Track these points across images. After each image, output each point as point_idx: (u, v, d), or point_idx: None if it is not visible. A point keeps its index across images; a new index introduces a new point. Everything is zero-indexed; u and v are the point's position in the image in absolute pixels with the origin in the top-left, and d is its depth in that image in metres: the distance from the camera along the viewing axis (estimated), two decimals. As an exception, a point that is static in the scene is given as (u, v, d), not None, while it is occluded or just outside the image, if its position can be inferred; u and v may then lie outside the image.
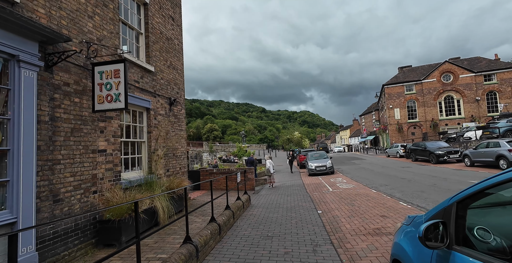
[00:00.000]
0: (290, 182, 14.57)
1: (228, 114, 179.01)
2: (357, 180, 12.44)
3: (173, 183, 6.90)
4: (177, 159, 8.22)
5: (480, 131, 21.92)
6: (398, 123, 35.07)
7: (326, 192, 9.86)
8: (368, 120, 63.20)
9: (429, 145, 20.07)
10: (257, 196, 9.64)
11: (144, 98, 6.64)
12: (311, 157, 17.56)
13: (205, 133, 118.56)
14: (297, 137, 70.78)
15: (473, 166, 14.91)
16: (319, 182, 12.94)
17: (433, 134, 32.84)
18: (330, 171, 16.07)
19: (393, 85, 35.82)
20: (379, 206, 6.73)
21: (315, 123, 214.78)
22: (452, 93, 33.25)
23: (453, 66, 33.21)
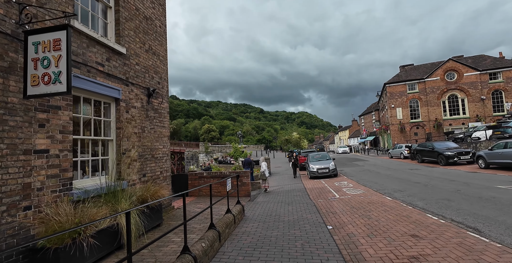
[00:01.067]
0: (290, 186, 13.27)
1: (226, 114, 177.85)
2: (365, 184, 11.16)
3: (148, 191, 5.56)
4: (157, 162, 6.89)
5: (490, 131, 20.78)
6: (401, 123, 33.93)
7: (333, 199, 8.56)
8: (368, 120, 62.15)
9: (437, 145, 18.88)
10: (252, 205, 8.31)
11: (111, 86, 5.32)
12: (312, 159, 16.27)
13: (203, 134, 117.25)
14: (296, 138, 69.60)
15: (488, 168, 13.69)
16: (323, 187, 11.64)
17: (437, 134, 31.72)
18: (333, 174, 14.79)
19: (395, 84, 34.70)
20: (403, 220, 5.44)
21: (313, 124, 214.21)
22: (457, 92, 32.17)
23: (457, 64, 32.15)
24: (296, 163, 17.41)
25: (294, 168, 17.43)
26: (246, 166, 15.11)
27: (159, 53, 7.39)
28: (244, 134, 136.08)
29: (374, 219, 5.69)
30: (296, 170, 17.45)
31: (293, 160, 17.73)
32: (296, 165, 17.44)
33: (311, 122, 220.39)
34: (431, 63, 36.27)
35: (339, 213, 6.55)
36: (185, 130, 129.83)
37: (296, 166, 17.42)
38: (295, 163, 17.42)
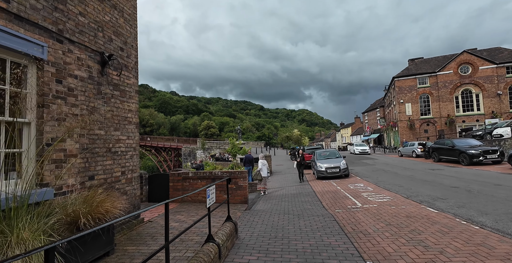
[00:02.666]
0: (295, 188, 11.30)
1: (226, 111, 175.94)
2: (387, 188, 9.18)
3: (88, 203, 3.56)
4: (115, 158, 4.89)
5: None
6: (410, 119, 31.91)
7: (355, 209, 6.58)
8: (372, 117, 60.14)
9: (458, 143, 16.89)
10: (250, 216, 6.33)
11: (25, 37, 3.30)
12: (320, 156, 14.29)
13: (202, 130, 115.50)
14: (297, 135, 67.64)
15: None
16: (335, 190, 9.67)
17: (449, 131, 29.73)
18: (345, 174, 12.82)
19: (404, 78, 32.61)
20: (485, 253, 3.46)
21: (313, 121, 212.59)
22: (471, 86, 30.11)
23: (472, 57, 30.04)
24: (302, 163, 13.21)
25: (300, 169, 13.16)
26: (247, 164, 13.16)
27: (123, 9, 5.35)
28: (244, 131, 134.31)
29: (434, 249, 3.71)
30: (302, 172, 13.26)
31: (299, 160, 13.45)
32: (302, 166, 13.24)
33: (312, 119, 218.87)
34: (443, 56, 34.15)
35: (374, 234, 4.57)
36: (184, 126, 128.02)
37: (302, 166, 13.23)
38: (301, 163, 13.22)
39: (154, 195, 7.64)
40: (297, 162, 13.80)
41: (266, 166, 10.86)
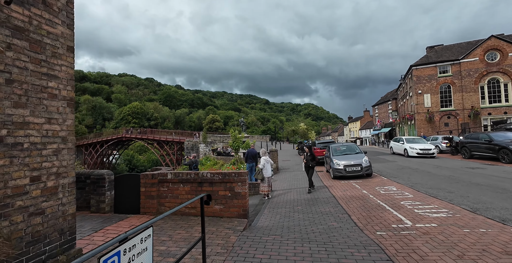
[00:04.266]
0: (306, 190, 9.19)
1: (231, 105, 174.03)
2: (431, 194, 7.01)
3: None
4: (16, 155, 2.82)
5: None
6: (429, 111, 29.28)
7: (405, 230, 4.46)
8: (383, 110, 57.27)
9: (496, 137, 14.50)
10: (250, 242, 4.23)
11: None
12: (336, 152, 12.10)
13: (207, 124, 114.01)
14: (303, 129, 65.35)
15: None
16: (361, 195, 7.53)
17: (473, 125, 27.08)
18: (367, 173, 10.64)
19: (423, 66, 29.82)
20: None
21: (319, 116, 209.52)
22: (499, 75, 27.22)
23: (501, 42, 27.06)
24: (311, 165, 9.01)
25: (309, 171, 9.04)
26: (249, 160, 11.09)
27: None
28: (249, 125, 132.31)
29: None
30: (311, 177, 9.02)
31: (308, 158, 9.14)
32: (312, 169, 9.03)
33: (317, 114, 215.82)
34: (466, 42, 31.15)
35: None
36: (189, 120, 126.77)
37: (312, 170, 9.02)
38: (310, 165, 9.03)
39: (123, 204, 5.63)
40: (304, 163, 9.30)
41: (270, 164, 8.77)
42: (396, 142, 20.26)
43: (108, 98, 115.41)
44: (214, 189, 5.28)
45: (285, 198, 8.33)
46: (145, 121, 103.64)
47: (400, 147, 19.05)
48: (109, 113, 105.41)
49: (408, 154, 17.58)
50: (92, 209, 5.56)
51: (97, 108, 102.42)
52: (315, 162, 9.17)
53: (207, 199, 3.01)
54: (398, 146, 19.40)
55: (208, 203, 3.00)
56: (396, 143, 20.03)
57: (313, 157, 9.23)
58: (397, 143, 19.83)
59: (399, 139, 19.95)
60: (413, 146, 17.60)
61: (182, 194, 5.39)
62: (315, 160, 9.22)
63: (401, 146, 18.79)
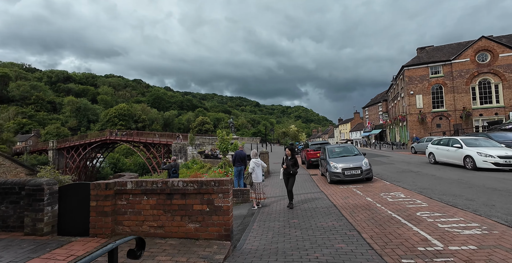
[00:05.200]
0: (304, 197, 8.07)
1: (221, 107, 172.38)
2: (448, 202, 6.02)
3: None
4: None
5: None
6: (421, 112, 28.90)
7: (439, 257, 3.40)
8: (373, 112, 57.24)
9: (496, 138, 13.86)
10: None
11: None
12: (332, 153, 11.05)
13: (196, 126, 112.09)
14: (294, 131, 64.67)
15: None
16: (366, 204, 6.46)
17: (465, 126, 26.81)
18: (367, 177, 9.63)
19: (415, 67, 29.50)
20: None
21: (309, 118, 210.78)
22: (489, 76, 27.14)
23: (492, 43, 27.03)
24: (291, 171, 7.13)
25: (290, 180, 7.18)
26: (238, 163, 9.90)
27: None
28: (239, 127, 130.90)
29: None
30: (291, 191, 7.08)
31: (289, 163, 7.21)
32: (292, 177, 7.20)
33: (307, 116, 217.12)
34: (457, 43, 31.09)
35: None
36: (178, 122, 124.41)
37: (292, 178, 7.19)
38: (291, 171, 7.14)
39: (69, 223, 4.32)
40: (283, 169, 7.27)
41: (261, 167, 7.62)
42: (442, 147, 13.02)
43: (93, 99, 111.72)
44: (187, 202, 4.06)
45: (278, 207, 7.18)
46: (132, 123, 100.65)
47: (453, 155, 12.04)
48: (95, 115, 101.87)
49: (476, 166, 10.58)
50: (26, 230, 4.23)
51: (81, 110, 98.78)
52: (297, 168, 7.35)
53: (135, 249, 1.67)
54: (449, 153, 12.33)
55: (137, 257, 1.70)
56: (444, 148, 12.83)
57: (295, 162, 7.31)
58: (446, 147, 12.64)
59: (448, 142, 12.74)
60: (485, 152, 10.57)
61: (146, 209, 4.14)
62: (297, 165, 7.40)
63: (457, 152, 11.77)
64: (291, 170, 7.14)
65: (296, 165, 7.29)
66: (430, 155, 14.13)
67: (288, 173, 7.21)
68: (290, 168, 7.16)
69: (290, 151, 7.36)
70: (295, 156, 7.48)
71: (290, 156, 7.35)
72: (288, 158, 7.33)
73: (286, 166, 7.23)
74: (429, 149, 14.34)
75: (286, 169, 7.25)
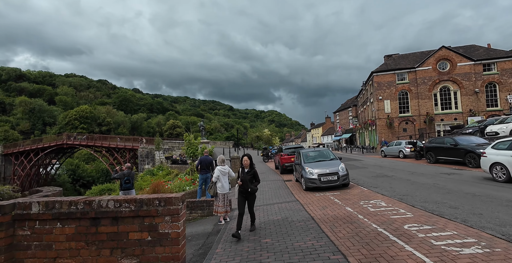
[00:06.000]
0: (278, 208, 7.20)
1: (194, 111, 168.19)
2: (432, 211, 5.52)
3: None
4: None
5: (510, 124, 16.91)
6: (389, 117, 29.90)
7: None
8: (344, 117, 58.98)
9: (461, 141, 14.29)
10: None
11: None
12: (307, 158, 10.38)
13: (167, 130, 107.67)
14: (267, 135, 64.43)
15: None
16: (347, 215, 5.76)
17: (429, 130, 28.16)
18: (343, 183, 9.06)
19: (383, 73, 30.58)
20: None
21: (282, 122, 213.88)
22: (449, 83, 28.90)
23: (450, 53, 28.89)
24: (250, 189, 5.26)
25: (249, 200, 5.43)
26: (203, 170, 8.77)
27: None
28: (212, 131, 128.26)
29: None
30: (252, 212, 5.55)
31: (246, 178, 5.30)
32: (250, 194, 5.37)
33: (280, 120, 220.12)
34: (420, 51, 32.89)
35: None
36: (147, 125, 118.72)
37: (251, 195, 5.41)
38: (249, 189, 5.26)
39: None
40: (239, 186, 5.37)
41: (227, 176, 6.60)
42: None
43: (51, 100, 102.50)
44: (120, 230, 2.95)
45: (249, 221, 6.21)
46: (95, 127, 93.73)
47: None
48: (52, 117, 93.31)
49: None
50: None
51: (36, 111, 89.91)
52: (258, 183, 5.53)
53: None
54: None
55: None
56: None
57: (255, 175, 5.44)
58: None
59: None
60: None
61: (59, 241, 2.94)
62: (258, 180, 5.52)
63: None
64: (250, 187, 5.20)
65: (256, 179, 5.44)
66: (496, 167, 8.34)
67: (246, 191, 5.25)
68: (247, 185, 5.20)
69: (249, 161, 5.50)
70: (254, 167, 5.60)
71: (248, 167, 5.45)
72: (245, 171, 5.40)
73: (242, 181, 5.23)
74: (496, 157, 8.35)
75: (242, 186, 5.27)
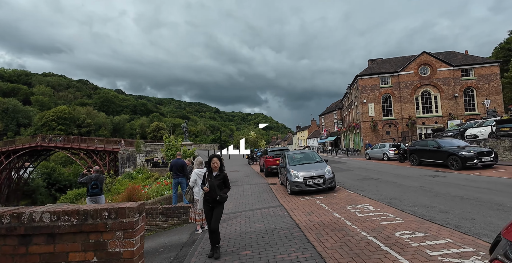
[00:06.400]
0: (261, 215, 6.71)
1: (179, 113, 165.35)
2: (423, 216, 5.22)
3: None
4: None
5: (489, 128, 17.39)
6: (373, 120, 30.28)
7: None
8: (329, 120, 59.61)
9: (444, 143, 14.44)
10: None
11: None
12: (293, 160, 9.98)
13: (151, 132, 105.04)
14: (253, 138, 64.03)
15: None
16: (334, 221, 5.36)
17: (411, 133, 28.72)
18: (330, 187, 8.71)
19: (367, 77, 31.02)
20: None
21: (268, 125, 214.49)
22: (430, 88, 29.69)
23: (431, 58, 29.74)
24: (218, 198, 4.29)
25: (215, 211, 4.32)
26: (177, 175, 8.15)
27: None
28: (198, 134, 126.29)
29: None
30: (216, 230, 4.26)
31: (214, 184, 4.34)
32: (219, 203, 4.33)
33: (267, 123, 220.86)
34: (402, 56, 33.72)
35: None
36: (130, 127, 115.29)
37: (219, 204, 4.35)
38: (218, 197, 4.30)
39: None
40: (204, 193, 4.48)
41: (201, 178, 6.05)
42: None
43: (26, 100, 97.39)
44: (58, 250, 2.35)
45: (228, 229, 5.68)
46: (74, 128, 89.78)
47: None
48: (27, 117, 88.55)
49: None
50: None
51: (10, 112, 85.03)
52: (228, 190, 4.51)
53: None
54: None
55: None
56: None
57: (225, 180, 4.45)
58: None
59: None
60: None
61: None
62: (228, 186, 4.51)
63: None
64: (218, 194, 4.25)
65: (225, 185, 4.45)
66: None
67: (213, 200, 4.27)
68: (216, 192, 4.25)
69: (219, 163, 4.48)
70: (224, 170, 4.63)
71: (217, 170, 4.45)
72: (213, 175, 4.42)
73: (209, 188, 4.29)
74: None
75: (209, 193, 4.30)
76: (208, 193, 4.33)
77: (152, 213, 6.87)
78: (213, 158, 4.52)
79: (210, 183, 4.34)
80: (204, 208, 4.48)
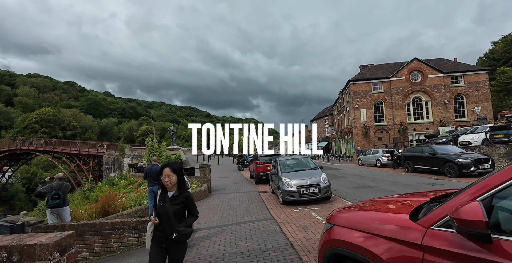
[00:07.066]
0: (250, 229, 5.89)
1: (169, 116, 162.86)
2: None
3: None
4: None
5: (482, 134, 17.19)
6: (365, 126, 30.03)
7: None
8: (320, 125, 59.46)
9: (439, 150, 14.04)
10: None
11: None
12: (285, 167, 9.22)
13: (140, 136, 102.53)
14: (244, 142, 63.17)
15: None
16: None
17: (403, 139, 28.55)
18: (325, 196, 7.98)
19: (359, 82, 30.89)
20: None
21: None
22: (421, 94, 29.77)
23: (422, 65, 29.90)
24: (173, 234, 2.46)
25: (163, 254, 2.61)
26: (151, 183, 7.25)
27: None
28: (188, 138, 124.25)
29: None
30: None
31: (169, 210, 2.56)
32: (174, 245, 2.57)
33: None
34: (393, 63, 33.88)
35: None
36: (118, 131, 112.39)
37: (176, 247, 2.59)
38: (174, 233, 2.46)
39: None
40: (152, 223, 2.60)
41: None
42: None
43: (9, 101, 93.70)
44: None
45: (210, 249, 4.83)
46: (59, 131, 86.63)
47: None
48: (9, 120, 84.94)
49: None
50: None
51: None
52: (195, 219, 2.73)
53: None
54: None
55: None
56: None
57: (188, 206, 2.68)
58: None
59: None
60: None
61: None
62: (196, 214, 2.72)
63: None
64: (175, 229, 2.51)
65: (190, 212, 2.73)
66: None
67: (167, 237, 2.57)
68: (171, 225, 2.55)
69: (174, 176, 2.64)
70: (188, 188, 2.88)
71: (174, 189, 2.71)
72: (167, 196, 2.67)
73: (155, 219, 2.58)
74: None
75: (160, 227, 2.60)
76: (158, 227, 2.60)
77: (124, 227, 5.95)
78: (165, 169, 2.64)
79: (160, 210, 2.60)
80: (152, 250, 2.60)
